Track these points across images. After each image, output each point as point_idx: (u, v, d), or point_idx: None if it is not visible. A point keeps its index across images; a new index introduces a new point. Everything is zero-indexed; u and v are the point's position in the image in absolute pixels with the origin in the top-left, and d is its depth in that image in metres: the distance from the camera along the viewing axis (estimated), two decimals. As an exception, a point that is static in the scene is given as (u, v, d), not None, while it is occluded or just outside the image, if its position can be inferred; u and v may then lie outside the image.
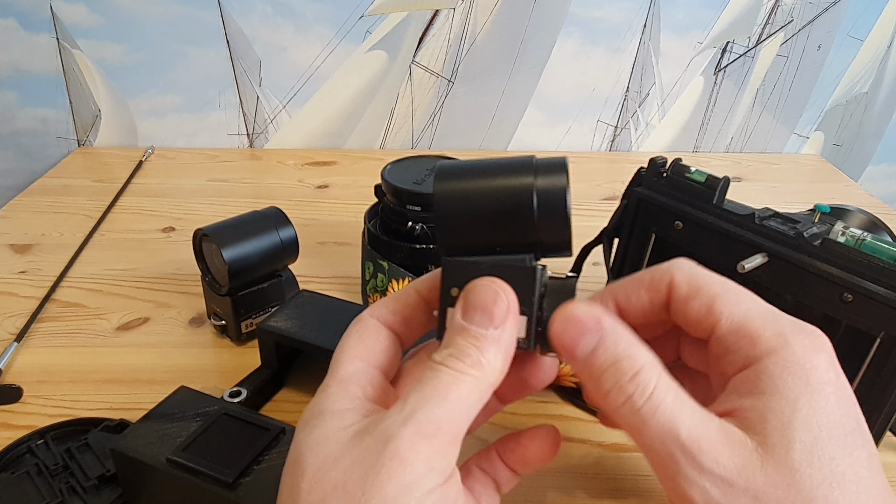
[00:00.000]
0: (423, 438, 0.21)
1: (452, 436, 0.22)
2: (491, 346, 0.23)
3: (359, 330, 0.27)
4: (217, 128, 0.86)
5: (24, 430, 0.40)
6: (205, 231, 0.46)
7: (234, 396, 0.41)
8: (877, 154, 0.94)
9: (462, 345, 0.23)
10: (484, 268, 0.25)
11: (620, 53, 0.84)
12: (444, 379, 0.22)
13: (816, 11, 0.83)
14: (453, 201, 0.25)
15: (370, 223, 0.52)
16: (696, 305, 0.25)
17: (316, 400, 0.24)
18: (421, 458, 0.21)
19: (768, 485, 0.21)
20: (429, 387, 0.22)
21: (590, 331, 0.23)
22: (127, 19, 0.79)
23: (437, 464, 0.21)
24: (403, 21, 0.81)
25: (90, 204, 0.71)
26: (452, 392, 0.22)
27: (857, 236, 0.36)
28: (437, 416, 0.22)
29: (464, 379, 0.22)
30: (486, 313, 0.23)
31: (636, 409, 0.22)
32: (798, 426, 0.21)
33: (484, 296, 0.24)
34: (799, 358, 0.22)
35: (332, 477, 0.21)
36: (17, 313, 0.53)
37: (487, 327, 0.23)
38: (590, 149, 0.91)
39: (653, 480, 0.39)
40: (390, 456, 0.21)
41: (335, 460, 0.22)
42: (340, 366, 0.25)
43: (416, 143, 0.89)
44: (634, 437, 0.23)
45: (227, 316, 0.49)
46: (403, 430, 0.21)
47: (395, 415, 0.22)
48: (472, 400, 0.23)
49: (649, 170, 0.46)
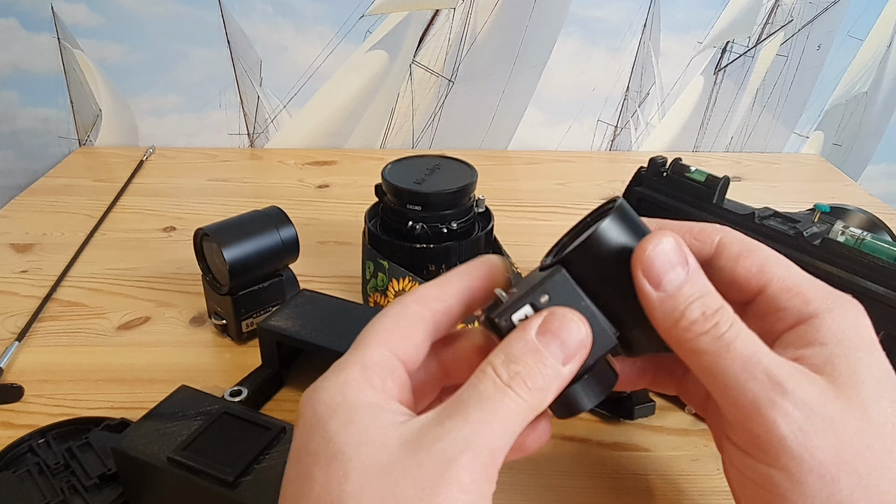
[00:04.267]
0: (482, 468, 0.21)
1: (500, 462, 0.22)
2: (556, 381, 0.23)
3: (397, 314, 0.25)
4: (218, 127, 0.86)
5: (25, 429, 0.40)
6: (205, 230, 0.46)
7: (235, 395, 0.41)
8: (876, 153, 0.94)
9: (531, 368, 0.23)
10: (583, 305, 0.24)
11: (620, 53, 0.84)
12: (506, 404, 0.22)
13: (816, 11, 0.83)
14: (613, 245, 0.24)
15: (370, 223, 0.52)
16: (747, 264, 0.26)
17: (334, 381, 0.23)
18: (476, 486, 0.21)
19: (844, 413, 0.22)
20: (490, 409, 0.22)
21: (680, 265, 0.24)
22: (128, 19, 0.79)
23: (487, 492, 0.21)
24: (404, 21, 0.81)
25: (91, 203, 0.71)
26: (511, 420, 0.22)
27: (857, 236, 0.37)
28: (494, 444, 0.21)
29: (525, 407, 0.22)
30: (565, 348, 0.23)
31: (720, 335, 0.23)
32: (862, 370, 0.23)
33: (572, 330, 0.23)
34: (852, 316, 0.24)
35: (384, 487, 0.21)
36: (18, 312, 0.53)
37: (558, 361, 0.23)
38: (590, 148, 0.91)
39: (653, 480, 0.40)
40: (450, 481, 0.20)
41: (386, 469, 0.21)
42: (367, 349, 0.24)
43: (416, 142, 0.89)
44: (711, 364, 0.23)
45: (227, 315, 0.49)
46: (464, 456, 0.21)
47: (455, 432, 0.21)
48: (522, 425, 0.23)
49: (649, 169, 0.46)
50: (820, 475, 0.21)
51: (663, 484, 0.39)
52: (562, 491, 0.39)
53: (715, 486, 0.39)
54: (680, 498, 0.39)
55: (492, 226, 0.53)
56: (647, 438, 0.43)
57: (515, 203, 0.74)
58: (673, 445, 0.42)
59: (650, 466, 0.41)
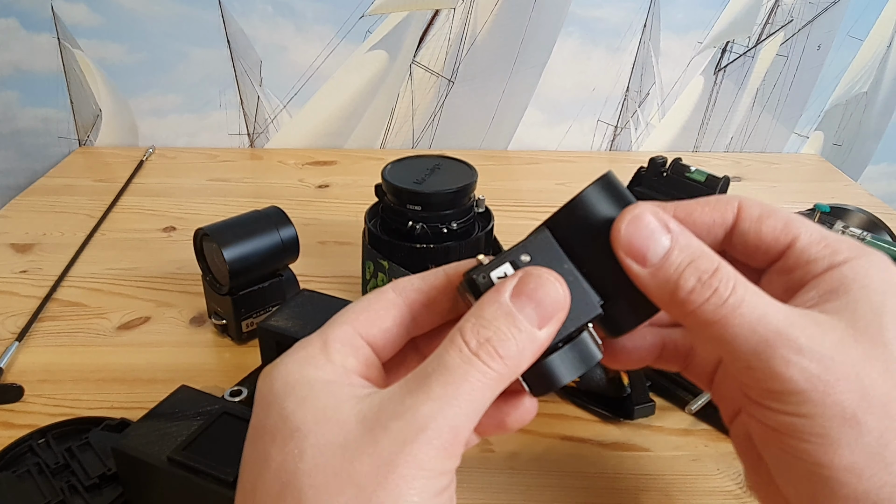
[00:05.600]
0: (441, 446, 0.20)
1: (465, 438, 0.21)
2: (530, 347, 0.22)
3: (370, 299, 0.25)
4: (218, 127, 0.86)
5: (25, 429, 0.40)
6: (205, 230, 0.46)
7: (235, 395, 0.41)
8: (876, 153, 0.94)
9: (503, 332, 0.21)
10: (566, 268, 0.23)
11: (620, 53, 0.84)
12: (473, 377, 0.21)
13: (816, 11, 0.83)
14: (597, 213, 0.24)
15: (370, 223, 0.52)
16: (772, 223, 0.25)
17: (294, 357, 0.23)
18: (437, 463, 0.20)
19: (866, 356, 0.21)
20: (454, 384, 0.21)
21: (660, 231, 0.23)
22: (128, 19, 0.79)
23: (447, 467, 0.21)
24: (404, 21, 0.81)
25: (91, 203, 0.71)
26: (477, 393, 0.21)
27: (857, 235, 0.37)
28: (457, 422, 0.21)
29: (494, 378, 0.21)
30: (541, 310, 0.22)
31: (723, 302, 0.22)
32: (888, 312, 0.22)
33: (548, 291, 0.22)
34: (880, 262, 0.24)
35: (339, 465, 0.20)
36: (18, 312, 0.53)
37: (534, 324, 0.22)
38: (590, 148, 0.91)
39: (653, 480, 0.40)
40: (406, 460, 0.20)
41: (342, 447, 0.20)
42: (331, 327, 0.24)
43: (416, 142, 0.89)
44: (718, 333, 0.22)
45: (227, 315, 0.49)
46: (422, 435, 0.20)
47: (414, 411, 0.20)
48: (492, 397, 0.22)
49: (649, 169, 0.46)
50: (844, 419, 0.21)
51: (663, 484, 0.39)
52: (562, 491, 0.39)
53: (715, 486, 0.39)
54: (680, 498, 0.39)
55: (492, 226, 0.53)
56: (647, 438, 0.43)
57: (515, 203, 0.74)
58: (673, 445, 0.42)
59: (650, 466, 0.41)
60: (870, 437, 0.21)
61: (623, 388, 0.43)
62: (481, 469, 0.40)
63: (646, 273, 0.23)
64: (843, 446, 0.21)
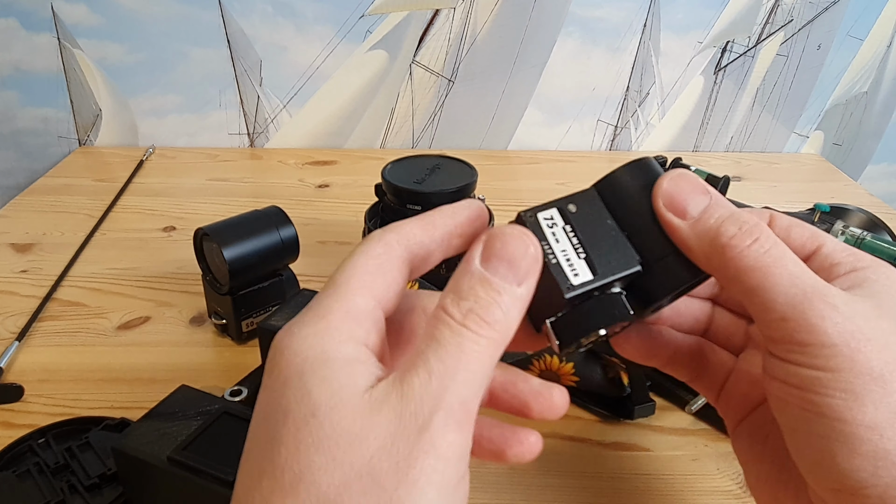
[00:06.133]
0: (456, 425, 0.20)
1: (475, 412, 0.21)
2: (515, 304, 0.21)
3: (380, 255, 0.23)
4: (218, 127, 0.86)
5: (25, 428, 0.40)
6: (205, 230, 0.46)
7: (235, 395, 0.41)
8: (876, 153, 0.94)
9: (484, 300, 0.21)
10: (608, 224, 0.24)
11: (620, 53, 0.84)
12: (466, 347, 0.20)
13: (816, 11, 0.83)
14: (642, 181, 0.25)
15: (370, 222, 0.52)
16: (799, 231, 0.26)
17: (314, 328, 0.22)
18: (455, 449, 0.20)
19: (893, 331, 0.22)
20: (451, 356, 0.20)
21: (700, 189, 0.24)
22: (128, 19, 0.79)
23: (465, 451, 0.20)
24: (404, 21, 0.81)
25: (91, 203, 0.71)
26: (476, 362, 0.20)
27: (857, 235, 0.37)
28: (465, 396, 0.20)
29: (487, 344, 0.21)
30: (513, 267, 0.21)
31: (766, 250, 0.23)
32: None
33: (517, 246, 0.22)
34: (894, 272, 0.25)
35: (358, 459, 0.19)
36: (18, 312, 0.53)
37: (511, 283, 0.21)
38: (590, 148, 0.91)
39: (653, 480, 0.40)
40: (425, 448, 0.19)
41: (359, 438, 0.19)
42: (351, 294, 0.22)
43: (416, 142, 0.89)
44: (757, 281, 0.23)
45: (227, 315, 0.49)
46: (436, 416, 0.19)
47: (422, 390, 0.20)
48: (491, 365, 0.21)
49: (649, 169, 0.46)
50: (872, 377, 0.21)
51: (663, 484, 0.39)
52: (562, 491, 0.39)
53: (715, 485, 0.39)
54: (680, 497, 0.39)
55: (492, 226, 0.53)
56: (647, 438, 0.43)
57: (515, 203, 0.74)
58: (673, 445, 0.42)
59: (650, 466, 0.41)
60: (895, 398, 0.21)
61: (623, 387, 0.43)
62: (481, 469, 0.40)
63: (686, 225, 0.24)
64: (868, 403, 0.21)
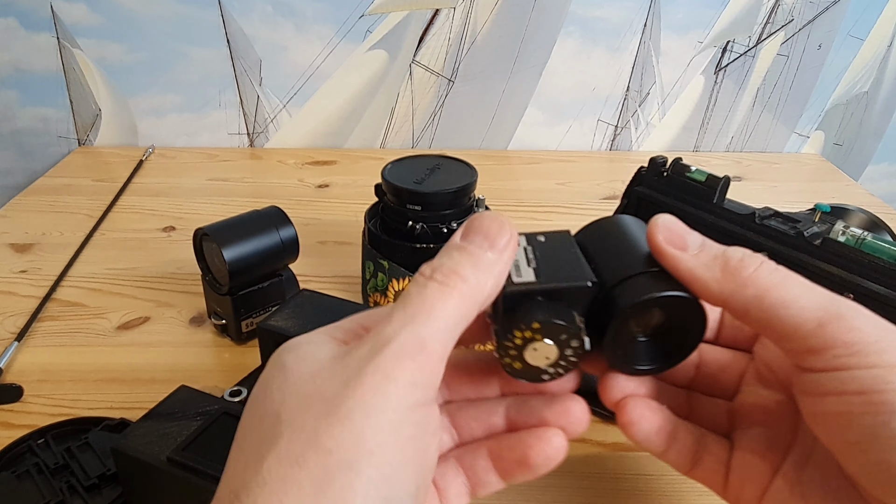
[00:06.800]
0: (408, 356, 0.20)
1: (438, 354, 0.21)
2: (485, 267, 0.22)
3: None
4: (217, 127, 0.86)
5: (24, 429, 0.40)
6: (205, 230, 0.46)
7: (235, 396, 0.41)
8: (877, 153, 0.94)
9: (456, 258, 0.22)
10: (573, 251, 0.26)
11: (621, 53, 0.84)
12: (429, 294, 0.21)
13: (817, 11, 0.83)
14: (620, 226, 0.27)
15: (370, 222, 0.52)
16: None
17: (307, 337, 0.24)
18: (405, 373, 0.20)
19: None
20: (413, 304, 0.21)
21: (692, 231, 0.25)
22: (127, 19, 0.79)
23: (421, 379, 0.21)
24: (404, 20, 0.81)
25: (90, 203, 0.71)
26: (438, 308, 0.21)
27: (858, 236, 0.36)
28: (421, 334, 0.21)
29: (450, 293, 0.22)
30: (488, 238, 0.23)
31: (775, 268, 0.23)
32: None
33: (488, 224, 0.23)
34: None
35: (309, 388, 0.21)
36: (18, 312, 0.53)
37: (486, 250, 0.23)
38: (590, 148, 0.91)
39: (653, 480, 0.40)
40: (372, 370, 0.20)
41: (312, 375, 0.21)
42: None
43: (416, 142, 0.89)
44: (779, 296, 0.22)
45: (227, 315, 0.49)
46: (387, 349, 0.20)
47: (377, 335, 0.21)
48: (457, 315, 0.22)
49: (650, 169, 0.46)
50: None
51: (663, 484, 0.39)
52: (562, 491, 0.39)
53: (715, 486, 0.39)
54: (680, 498, 0.39)
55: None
56: (648, 438, 0.42)
57: (515, 203, 0.74)
58: (673, 446, 0.42)
59: (650, 467, 0.40)
60: None
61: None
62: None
63: (689, 256, 0.24)
64: None
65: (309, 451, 0.19)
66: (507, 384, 0.27)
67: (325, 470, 0.19)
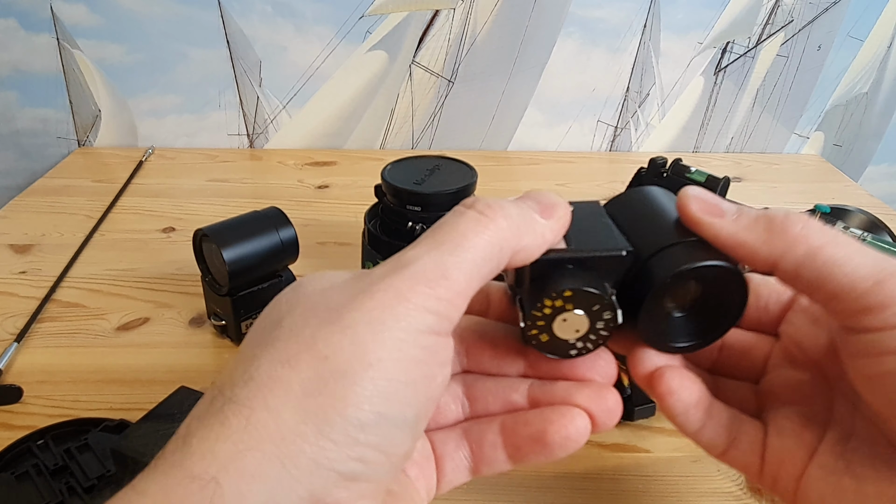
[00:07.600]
0: (426, 281, 0.19)
1: (460, 286, 0.20)
2: (532, 225, 0.22)
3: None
4: (217, 128, 0.86)
5: (24, 430, 0.40)
6: (205, 231, 0.46)
7: (235, 397, 0.41)
8: (877, 154, 0.94)
9: (504, 202, 0.21)
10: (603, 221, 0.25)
11: (620, 53, 0.84)
12: (462, 223, 0.20)
13: (816, 11, 0.83)
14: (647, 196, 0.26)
15: (370, 223, 0.52)
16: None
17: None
18: (419, 297, 0.19)
19: None
20: (442, 231, 0.20)
21: (723, 201, 0.24)
22: (127, 19, 0.79)
23: (436, 307, 0.19)
24: (403, 21, 0.81)
25: (90, 204, 0.71)
26: (469, 238, 0.20)
27: (858, 236, 0.36)
28: (445, 262, 0.20)
29: (487, 226, 0.20)
30: (543, 205, 0.23)
31: (822, 227, 0.22)
32: None
33: (546, 194, 0.23)
34: None
35: (317, 299, 0.20)
36: (17, 313, 0.53)
37: (536, 211, 0.22)
38: (590, 149, 0.91)
39: (653, 480, 0.40)
40: (385, 287, 0.19)
41: (324, 290, 0.21)
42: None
43: (416, 143, 0.89)
44: (830, 253, 0.21)
45: (227, 316, 0.49)
46: (405, 269, 0.19)
47: (399, 257, 0.20)
48: (487, 252, 0.20)
49: (649, 170, 0.46)
50: None
51: (663, 485, 0.39)
52: (562, 492, 0.39)
53: (715, 487, 0.39)
54: (680, 499, 0.39)
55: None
56: (648, 439, 0.43)
57: (515, 203, 0.74)
58: (673, 446, 0.42)
59: (650, 467, 0.40)
60: None
61: (623, 388, 0.43)
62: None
63: (728, 222, 0.23)
64: None
65: (303, 353, 0.19)
66: (533, 366, 0.25)
67: (318, 374, 0.18)
